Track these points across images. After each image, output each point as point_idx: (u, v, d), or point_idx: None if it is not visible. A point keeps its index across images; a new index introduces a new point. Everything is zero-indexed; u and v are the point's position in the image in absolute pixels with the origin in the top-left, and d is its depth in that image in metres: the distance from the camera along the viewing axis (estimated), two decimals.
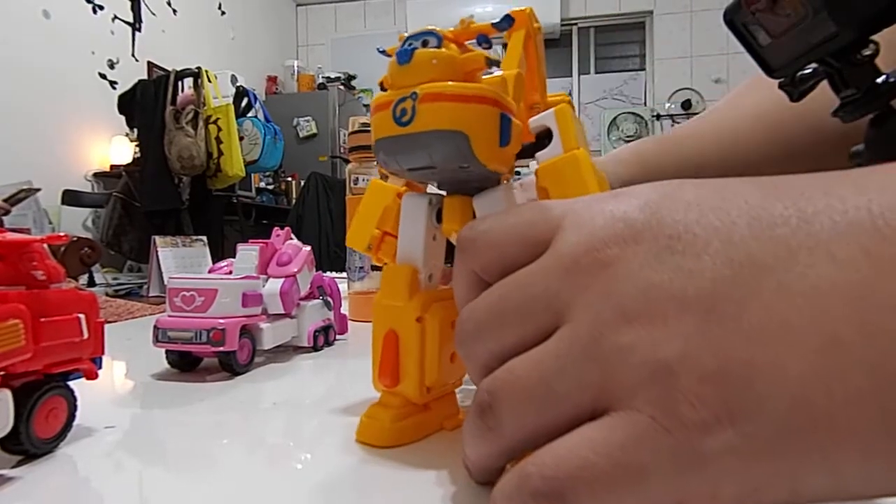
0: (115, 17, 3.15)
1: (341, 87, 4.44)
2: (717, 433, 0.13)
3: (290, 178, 3.96)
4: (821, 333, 0.13)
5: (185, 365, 0.40)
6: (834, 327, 0.13)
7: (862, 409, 0.12)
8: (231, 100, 2.53)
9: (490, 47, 0.24)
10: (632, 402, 0.14)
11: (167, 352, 0.39)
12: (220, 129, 2.25)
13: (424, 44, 0.23)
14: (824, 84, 0.28)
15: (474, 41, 0.24)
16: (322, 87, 4.50)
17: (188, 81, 2.36)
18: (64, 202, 2.53)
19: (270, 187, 3.84)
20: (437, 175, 0.25)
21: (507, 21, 0.24)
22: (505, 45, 0.26)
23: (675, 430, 0.13)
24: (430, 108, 0.21)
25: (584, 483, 0.14)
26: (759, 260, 0.14)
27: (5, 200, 1.66)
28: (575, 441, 0.14)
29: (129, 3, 3.25)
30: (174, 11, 3.61)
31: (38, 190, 1.98)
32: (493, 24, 0.24)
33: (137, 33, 3.31)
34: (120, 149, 2.96)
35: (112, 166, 2.91)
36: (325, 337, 0.48)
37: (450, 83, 0.22)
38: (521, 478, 0.15)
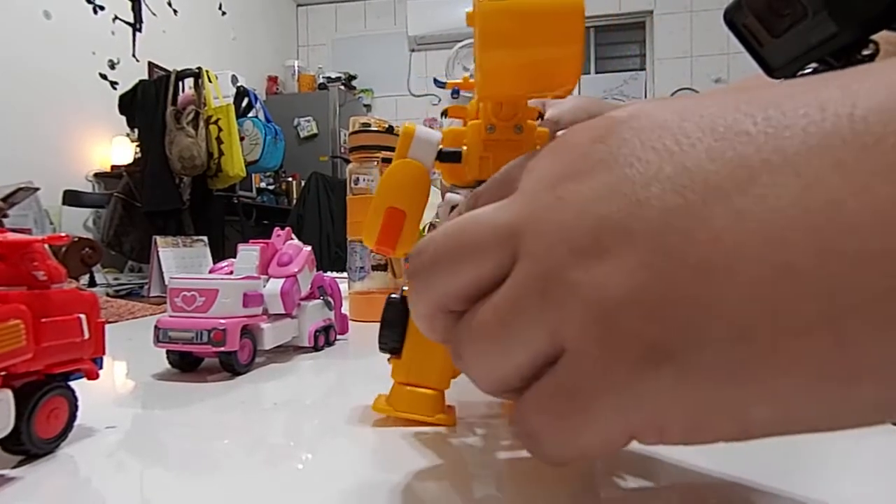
0: (116, 17, 3.15)
1: (342, 87, 4.43)
2: (658, 369, 0.13)
3: (290, 179, 3.96)
4: (771, 262, 0.12)
5: (185, 365, 0.40)
6: (787, 255, 0.12)
7: (813, 338, 0.12)
8: (232, 100, 2.53)
9: None
10: (579, 342, 0.14)
11: (168, 352, 0.39)
12: (220, 130, 2.26)
13: None
14: None
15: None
16: (323, 87, 4.49)
17: (189, 82, 2.36)
18: (65, 202, 2.53)
19: (271, 187, 3.84)
20: None
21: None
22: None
23: (617, 368, 0.13)
24: None
25: (550, 427, 0.15)
26: (714, 184, 0.13)
27: (3, 200, 1.66)
28: (537, 390, 0.15)
29: (129, 4, 3.25)
30: (175, 12, 3.61)
31: (36, 189, 1.97)
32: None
33: (138, 34, 3.31)
34: (121, 149, 2.96)
35: (113, 167, 2.92)
36: (325, 337, 0.48)
37: None
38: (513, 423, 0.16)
